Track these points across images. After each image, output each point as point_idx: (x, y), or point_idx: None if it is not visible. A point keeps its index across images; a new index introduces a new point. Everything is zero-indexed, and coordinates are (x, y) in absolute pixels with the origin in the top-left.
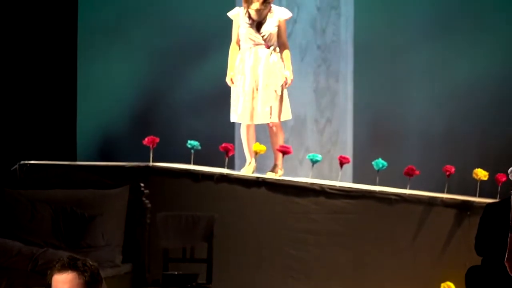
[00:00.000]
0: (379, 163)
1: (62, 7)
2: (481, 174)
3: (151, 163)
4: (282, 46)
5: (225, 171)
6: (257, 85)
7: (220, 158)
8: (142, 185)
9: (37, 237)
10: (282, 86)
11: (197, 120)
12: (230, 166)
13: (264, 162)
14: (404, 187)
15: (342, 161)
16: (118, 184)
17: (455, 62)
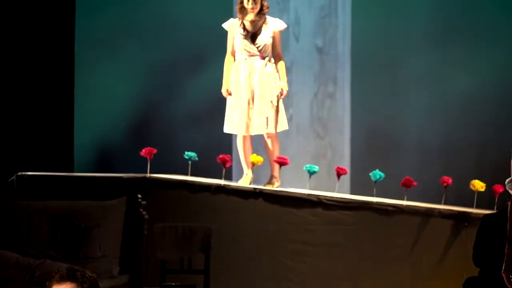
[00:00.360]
0: (377, 174)
1: (60, 21)
2: (478, 185)
3: (148, 174)
4: (277, 57)
5: (222, 182)
6: (253, 96)
7: (218, 169)
8: (139, 196)
9: (34, 248)
10: (278, 97)
11: (194, 131)
12: (228, 177)
13: (262, 173)
14: (402, 198)
15: (340, 172)
16: (116, 195)
17: (453, 73)
